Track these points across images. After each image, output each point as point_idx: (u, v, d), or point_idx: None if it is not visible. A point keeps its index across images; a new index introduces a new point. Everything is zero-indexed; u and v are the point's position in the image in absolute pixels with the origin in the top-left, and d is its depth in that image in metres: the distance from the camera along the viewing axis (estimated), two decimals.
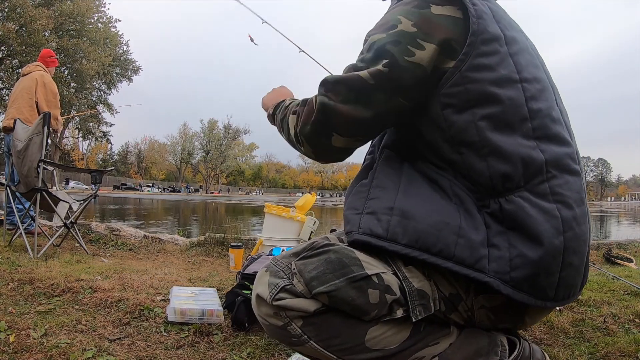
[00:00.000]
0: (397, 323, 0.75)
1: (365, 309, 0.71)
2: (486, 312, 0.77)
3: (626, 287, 2.03)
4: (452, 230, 0.72)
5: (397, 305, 0.74)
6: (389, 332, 0.75)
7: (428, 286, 0.75)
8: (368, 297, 0.71)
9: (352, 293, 0.70)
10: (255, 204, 23.90)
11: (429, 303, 0.75)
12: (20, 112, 3.62)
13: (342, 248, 0.76)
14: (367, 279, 0.71)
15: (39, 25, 23.77)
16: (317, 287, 0.70)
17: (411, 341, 0.76)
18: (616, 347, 1.34)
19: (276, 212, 3.00)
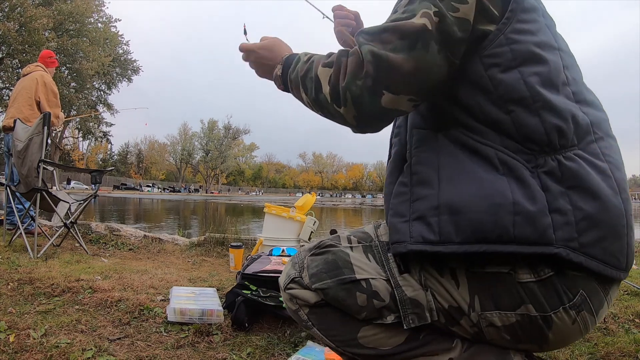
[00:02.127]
0: (392, 327, 0.77)
1: (355, 309, 0.76)
2: (497, 330, 0.73)
3: (626, 287, 2.03)
4: (506, 210, 0.66)
5: (388, 311, 0.75)
6: (381, 334, 0.77)
7: (423, 296, 0.74)
8: (356, 299, 0.75)
9: (341, 293, 0.76)
10: (255, 204, 23.90)
11: (423, 312, 0.74)
12: (20, 112, 3.63)
13: (339, 250, 0.80)
14: (355, 283, 0.76)
15: (39, 24, 23.75)
16: (314, 283, 0.79)
17: (406, 346, 0.77)
18: (616, 347, 1.34)
19: (276, 212, 3.00)
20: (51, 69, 4.02)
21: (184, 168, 75.91)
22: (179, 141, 73.27)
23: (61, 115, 3.94)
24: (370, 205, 36.22)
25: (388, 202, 0.82)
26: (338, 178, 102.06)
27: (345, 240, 0.85)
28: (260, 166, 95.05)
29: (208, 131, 71.05)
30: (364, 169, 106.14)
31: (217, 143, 70.14)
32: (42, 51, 4.21)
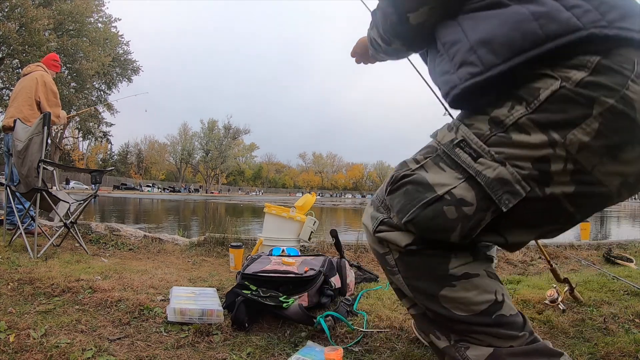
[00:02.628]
0: (478, 283, 0.82)
1: (447, 226, 0.77)
2: (589, 149, 0.71)
3: (626, 287, 2.03)
4: (527, 20, 0.72)
5: (481, 212, 0.76)
6: (462, 293, 0.81)
7: (505, 171, 0.74)
8: (445, 214, 0.77)
9: (430, 214, 0.78)
10: (255, 204, 23.89)
11: (514, 187, 0.73)
12: (20, 111, 3.63)
13: (413, 176, 0.83)
14: (439, 199, 0.78)
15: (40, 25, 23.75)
16: (403, 217, 0.81)
17: (479, 318, 0.81)
18: (616, 347, 1.34)
19: (276, 212, 3.00)
20: (52, 71, 4.02)
21: (184, 168, 75.89)
22: (179, 141, 73.26)
23: (62, 114, 3.94)
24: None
25: (434, 76, 0.93)
26: (338, 178, 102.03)
27: (412, 162, 0.86)
28: (260, 166, 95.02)
29: (208, 131, 71.03)
30: (364, 169, 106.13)
31: (217, 143, 70.13)
32: (48, 53, 4.20)
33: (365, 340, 1.44)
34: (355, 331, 1.49)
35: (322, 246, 3.27)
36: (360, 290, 2.06)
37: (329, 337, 1.42)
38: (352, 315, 1.66)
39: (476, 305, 0.81)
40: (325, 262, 1.95)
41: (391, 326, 1.53)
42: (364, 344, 1.42)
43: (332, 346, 1.32)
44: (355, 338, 1.44)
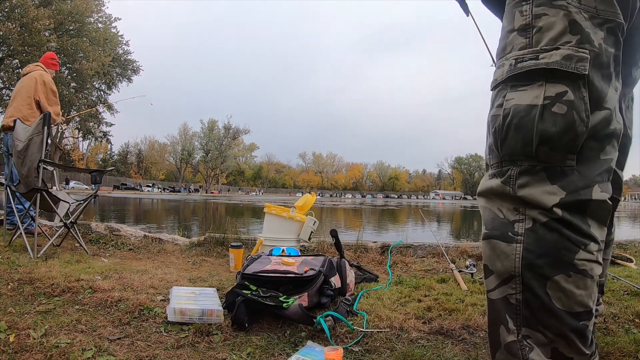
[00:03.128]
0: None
1: (569, 121, 0.80)
2: None
3: (626, 287, 2.03)
4: None
5: (577, 89, 0.81)
6: (573, 287, 0.78)
7: (563, 51, 0.82)
8: (559, 113, 0.81)
9: (549, 123, 0.81)
10: (255, 204, 23.89)
11: (579, 55, 0.81)
12: (19, 111, 3.63)
13: (511, 113, 0.85)
14: (545, 107, 0.82)
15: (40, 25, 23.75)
16: (532, 141, 0.83)
17: (570, 319, 0.79)
18: (616, 347, 1.34)
19: (276, 212, 3.00)
20: (51, 70, 4.02)
21: (184, 168, 75.91)
22: (179, 141, 73.31)
23: (60, 113, 3.94)
24: (371, 205, 36.18)
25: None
26: (338, 178, 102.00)
27: (497, 109, 0.89)
28: (260, 166, 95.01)
29: (208, 131, 71.04)
30: (364, 169, 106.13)
31: (217, 143, 70.15)
32: (45, 53, 4.21)
33: (365, 340, 1.44)
34: (355, 331, 1.49)
35: (322, 246, 3.27)
36: (360, 290, 2.06)
37: (329, 337, 1.42)
38: (352, 315, 1.66)
39: (576, 305, 0.79)
40: (325, 262, 1.95)
41: (391, 326, 1.53)
42: (364, 344, 1.42)
43: (332, 346, 1.32)
44: (355, 338, 1.44)
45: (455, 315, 1.70)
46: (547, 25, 0.84)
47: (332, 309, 1.70)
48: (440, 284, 2.26)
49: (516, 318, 0.83)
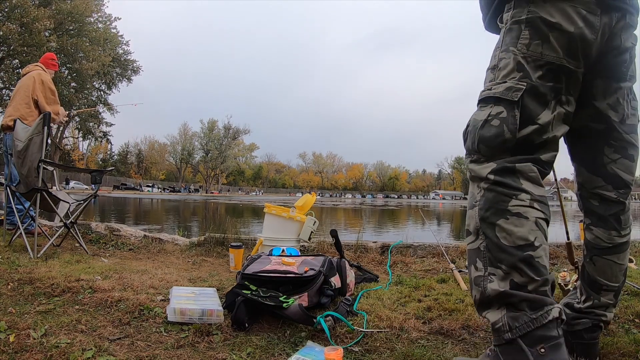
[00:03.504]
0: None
1: (498, 131, 1.13)
2: None
3: (626, 287, 2.03)
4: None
5: (511, 111, 1.14)
6: (512, 227, 1.05)
7: (508, 84, 1.15)
8: (493, 125, 1.14)
9: (485, 131, 1.15)
10: (255, 204, 23.89)
11: (516, 90, 1.13)
12: (17, 110, 3.63)
13: (470, 123, 1.20)
14: (486, 121, 1.17)
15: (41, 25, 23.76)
16: (473, 141, 1.17)
17: (516, 251, 1.04)
18: (616, 347, 1.34)
19: (276, 212, 3.00)
20: (51, 70, 4.02)
21: (184, 168, 75.90)
22: (179, 141, 73.30)
23: (61, 111, 3.93)
24: (371, 205, 36.18)
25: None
26: (338, 178, 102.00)
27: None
28: (260, 166, 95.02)
29: (208, 131, 71.04)
30: (363, 169, 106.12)
31: (217, 143, 70.15)
32: (45, 53, 4.21)
33: (365, 340, 1.44)
34: (355, 331, 1.49)
35: (322, 246, 3.27)
36: (360, 290, 2.06)
37: (329, 337, 1.42)
38: (352, 315, 1.66)
39: (517, 239, 1.02)
40: (325, 262, 1.95)
41: (391, 326, 1.53)
42: (364, 344, 1.42)
43: (332, 346, 1.32)
44: (355, 338, 1.44)
45: (455, 315, 1.70)
46: (503, 66, 1.15)
47: (332, 309, 1.70)
48: (440, 284, 2.26)
49: (483, 260, 1.08)
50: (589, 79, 1.18)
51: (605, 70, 1.18)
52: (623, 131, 1.21)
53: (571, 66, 1.12)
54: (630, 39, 1.18)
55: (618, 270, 1.26)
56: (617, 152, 1.22)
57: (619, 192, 1.23)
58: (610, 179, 1.23)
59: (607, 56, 1.16)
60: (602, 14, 1.10)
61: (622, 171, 1.23)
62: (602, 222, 1.26)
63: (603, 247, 1.26)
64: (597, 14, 1.10)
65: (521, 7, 1.14)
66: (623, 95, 1.21)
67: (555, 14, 1.09)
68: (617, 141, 1.22)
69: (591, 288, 1.29)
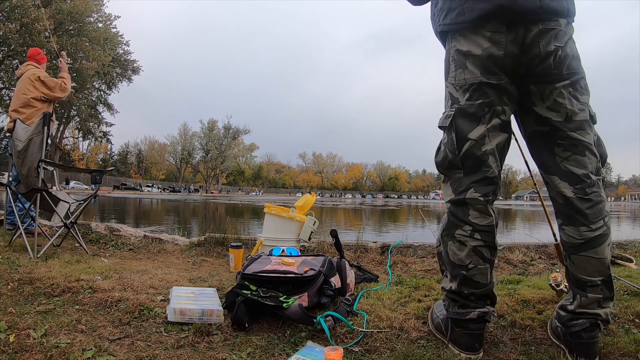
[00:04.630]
0: None
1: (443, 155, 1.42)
2: None
3: (626, 287, 2.03)
4: None
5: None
6: (456, 250, 1.37)
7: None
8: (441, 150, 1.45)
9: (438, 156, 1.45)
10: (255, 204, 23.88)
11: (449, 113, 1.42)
12: (18, 112, 3.67)
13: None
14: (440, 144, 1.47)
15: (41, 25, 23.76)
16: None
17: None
18: (616, 347, 1.34)
19: (276, 212, 3.00)
20: (43, 64, 4.05)
21: (184, 168, 75.89)
22: (179, 141, 73.27)
23: (68, 80, 3.99)
24: (371, 205, 36.19)
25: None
26: (338, 178, 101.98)
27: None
28: (260, 166, 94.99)
29: (208, 131, 71.03)
30: (363, 169, 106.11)
31: (217, 143, 70.12)
32: (47, 54, 4.24)
33: (365, 340, 1.44)
34: (355, 331, 1.49)
35: (322, 246, 3.26)
36: (360, 290, 2.06)
37: (329, 337, 1.42)
38: (352, 315, 1.66)
39: (457, 260, 1.35)
40: (325, 262, 1.95)
41: (391, 326, 1.53)
42: (364, 344, 1.42)
43: (332, 346, 1.32)
44: (355, 338, 1.44)
45: None
46: (444, 98, 1.41)
47: (332, 309, 1.70)
48: (440, 284, 2.26)
49: (441, 262, 1.48)
50: (524, 88, 1.30)
51: (535, 77, 1.27)
52: (568, 129, 1.27)
53: (492, 80, 1.27)
54: (553, 42, 1.23)
55: (599, 264, 1.25)
56: (567, 150, 1.27)
57: (575, 188, 1.27)
58: (564, 176, 1.28)
59: (531, 65, 1.25)
60: (507, 31, 1.23)
61: (574, 167, 1.27)
62: (570, 220, 1.28)
63: (576, 244, 1.27)
64: (502, 31, 1.23)
65: (448, 46, 1.37)
66: (562, 95, 1.26)
67: (464, 44, 1.30)
68: (564, 139, 1.27)
69: (577, 287, 1.30)
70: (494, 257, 1.35)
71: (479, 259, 1.30)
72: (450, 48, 1.36)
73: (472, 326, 1.32)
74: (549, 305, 1.78)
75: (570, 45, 1.27)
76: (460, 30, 1.31)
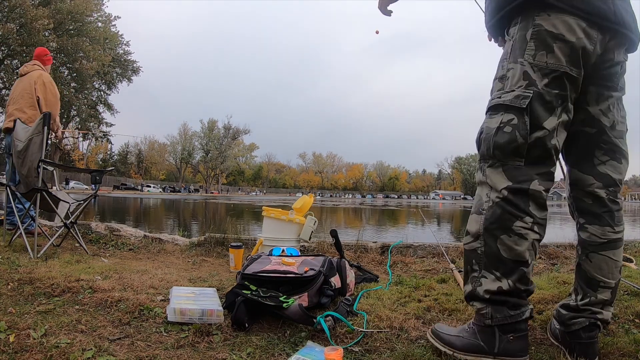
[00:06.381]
0: None
1: (511, 137, 1.26)
2: None
3: (626, 287, 2.03)
4: None
5: (521, 117, 1.25)
6: (514, 245, 1.23)
7: (516, 92, 1.28)
8: (506, 132, 1.29)
9: (500, 138, 1.27)
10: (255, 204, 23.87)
11: (524, 97, 1.26)
12: (23, 112, 3.61)
13: (483, 130, 1.33)
14: (499, 128, 1.30)
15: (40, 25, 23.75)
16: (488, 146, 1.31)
17: (513, 265, 1.25)
18: (616, 347, 1.34)
19: (275, 215, 3.00)
20: (47, 66, 4.01)
21: (184, 168, 75.88)
22: (179, 141, 73.26)
23: (57, 119, 3.87)
24: (371, 205, 36.17)
25: None
26: (338, 178, 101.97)
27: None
28: (260, 166, 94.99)
29: (208, 131, 71.04)
30: (363, 169, 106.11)
31: (217, 143, 70.12)
32: (36, 49, 4.16)
33: (365, 340, 1.44)
34: (355, 331, 1.49)
35: (322, 246, 3.26)
36: (360, 290, 2.06)
37: (329, 337, 1.42)
38: (352, 315, 1.66)
39: (515, 256, 1.20)
40: (325, 262, 1.95)
41: (391, 326, 1.53)
42: (364, 344, 1.42)
43: (332, 346, 1.32)
44: (355, 338, 1.44)
45: (455, 315, 1.70)
46: (511, 75, 1.26)
47: (332, 309, 1.70)
48: (440, 284, 2.26)
49: (479, 263, 1.25)
50: (584, 86, 1.28)
51: (599, 78, 1.28)
52: (612, 136, 1.32)
53: (574, 74, 1.22)
54: (622, 55, 1.30)
55: (614, 266, 1.30)
56: (607, 155, 1.32)
57: (608, 190, 1.32)
58: (600, 177, 1.32)
59: (601, 66, 1.27)
60: (599, 31, 1.22)
61: (611, 171, 1.32)
62: (597, 219, 1.32)
63: (598, 243, 1.31)
64: (594, 29, 1.21)
65: (527, 22, 1.24)
66: (614, 103, 1.32)
67: (558, 26, 1.19)
68: (606, 144, 1.32)
69: (588, 285, 1.32)
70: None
71: (534, 253, 1.23)
72: (530, 23, 1.23)
73: (522, 327, 1.22)
74: (549, 305, 1.78)
75: (625, 65, 1.35)
76: (557, 9, 1.19)
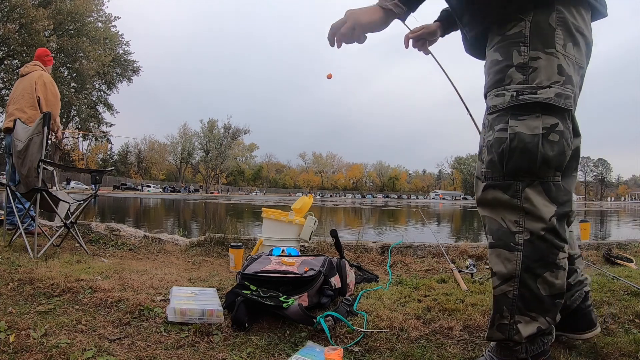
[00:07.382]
0: None
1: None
2: None
3: (626, 287, 2.03)
4: None
5: (564, 121, 1.04)
6: (554, 279, 1.05)
7: (556, 89, 1.04)
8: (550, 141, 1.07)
9: (547, 147, 1.04)
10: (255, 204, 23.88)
11: (569, 96, 1.08)
12: (23, 112, 3.62)
13: (512, 139, 1.06)
14: (539, 136, 1.06)
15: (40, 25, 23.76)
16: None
17: (551, 300, 1.08)
18: (616, 347, 1.34)
19: (274, 216, 3.00)
20: (48, 67, 4.01)
21: (184, 168, 75.90)
22: (179, 141, 73.30)
23: (58, 120, 3.89)
24: (370, 205, 36.18)
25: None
26: (338, 178, 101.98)
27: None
28: (260, 166, 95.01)
29: (208, 131, 71.08)
30: (363, 169, 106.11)
31: (217, 143, 70.14)
32: (37, 49, 4.16)
33: (365, 340, 1.44)
34: (355, 331, 1.49)
35: (322, 246, 3.27)
36: (360, 291, 2.06)
37: (329, 337, 1.42)
38: (352, 315, 1.66)
39: (556, 290, 1.04)
40: (325, 262, 1.95)
41: (391, 326, 1.53)
42: (364, 344, 1.42)
43: (332, 346, 1.32)
44: (355, 338, 1.44)
45: (455, 315, 1.70)
46: (542, 67, 1.02)
47: (332, 309, 1.70)
48: (440, 284, 2.26)
49: (511, 309, 1.06)
50: None
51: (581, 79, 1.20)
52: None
53: (581, 72, 1.12)
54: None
55: (574, 239, 1.31)
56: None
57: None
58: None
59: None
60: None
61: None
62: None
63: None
64: (590, 30, 1.13)
65: (551, 10, 1.04)
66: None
67: (577, 18, 1.06)
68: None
69: (569, 263, 1.33)
70: None
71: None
72: (554, 13, 1.03)
73: (549, 348, 1.12)
74: None
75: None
76: (579, 4, 1.07)
